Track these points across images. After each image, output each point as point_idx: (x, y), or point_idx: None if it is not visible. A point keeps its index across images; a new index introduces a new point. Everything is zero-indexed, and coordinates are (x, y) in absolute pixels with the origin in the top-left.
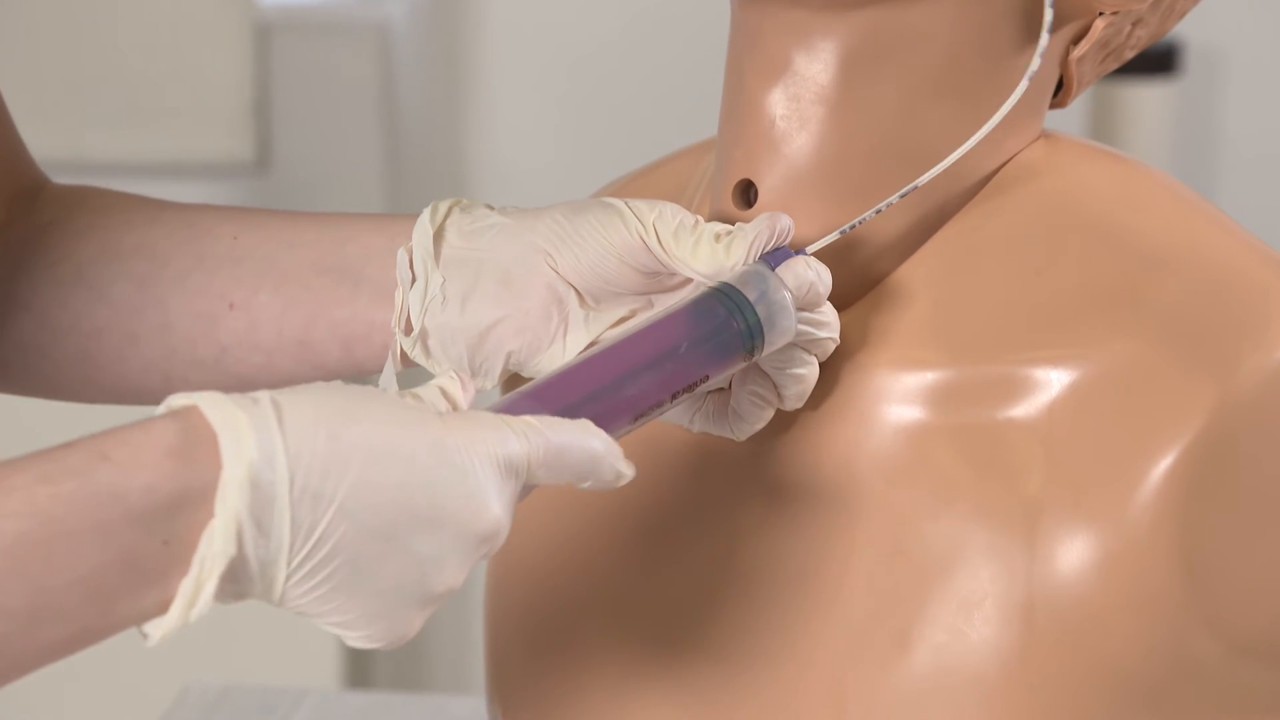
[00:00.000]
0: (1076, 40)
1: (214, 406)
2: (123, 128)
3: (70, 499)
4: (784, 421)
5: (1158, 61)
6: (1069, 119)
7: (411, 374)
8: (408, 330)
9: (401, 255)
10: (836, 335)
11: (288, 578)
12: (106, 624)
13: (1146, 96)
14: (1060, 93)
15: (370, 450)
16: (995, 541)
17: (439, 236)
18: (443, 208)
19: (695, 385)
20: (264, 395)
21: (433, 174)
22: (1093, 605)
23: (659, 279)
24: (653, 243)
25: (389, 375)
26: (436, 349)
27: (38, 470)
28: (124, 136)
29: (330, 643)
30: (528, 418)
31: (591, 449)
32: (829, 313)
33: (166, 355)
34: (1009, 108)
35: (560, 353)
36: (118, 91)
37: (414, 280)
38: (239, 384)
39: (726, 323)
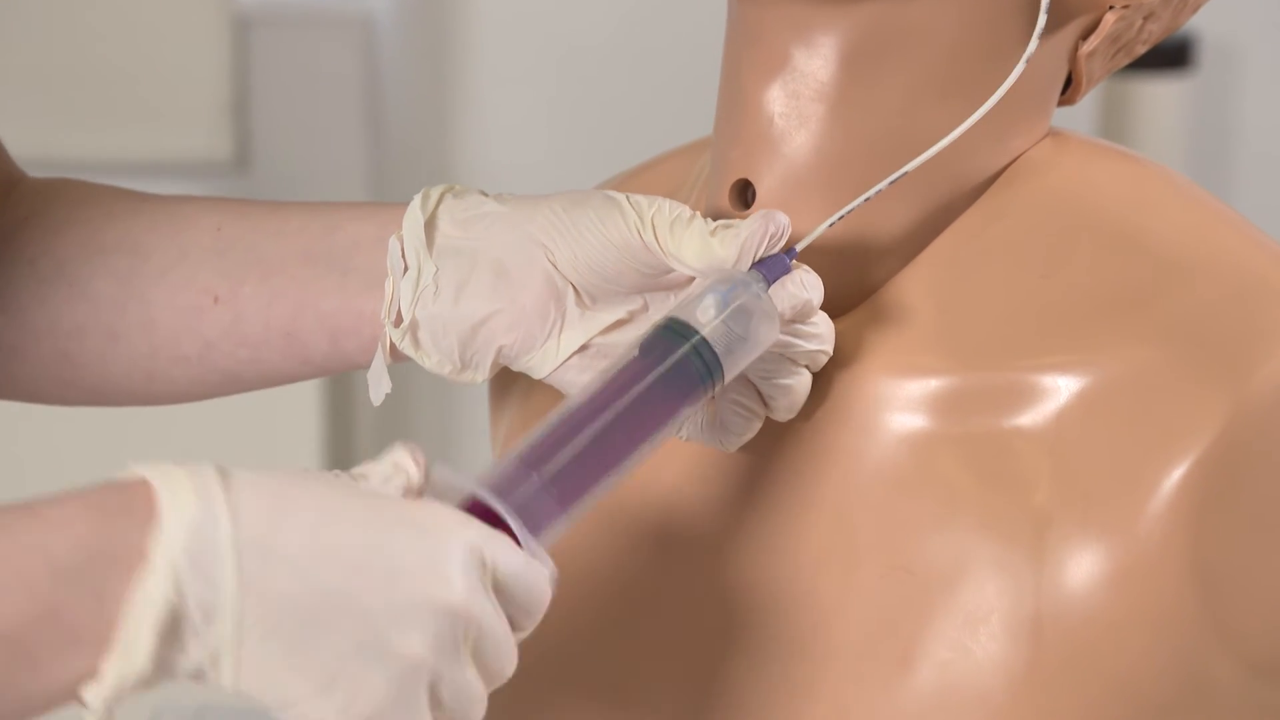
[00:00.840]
0: (1086, 35)
1: (154, 470)
2: (96, 126)
3: None
4: (780, 431)
5: (1171, 56)
6: (1078, 117)
7: (398, 375)
8: (397, 322)
9: (393, 243)
10: (829, 347)
11: (237, 638)
12: (38, 687)
13: (1159, 93)
14: (1069, 89)
15: (321, 508)
16: (1001, 555)
17: (431, 225)
18: (435, 194)
19: (665, 424)
20: (209, 463)
21: (419, 173)
22: (1103, 621)
23: (657, 277)
24: (649, 237)
25: (379, 368)
26: (427, 340)
27: None
28: (97, 135)
29: None
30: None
31: (540, 588)
32: (822, 323)
33: (149, 353)
34: (999, 96)
35: (554, 350)
36: (90, 88)
37: (405, 270)
38: (225, 380)
39: (682, 362)
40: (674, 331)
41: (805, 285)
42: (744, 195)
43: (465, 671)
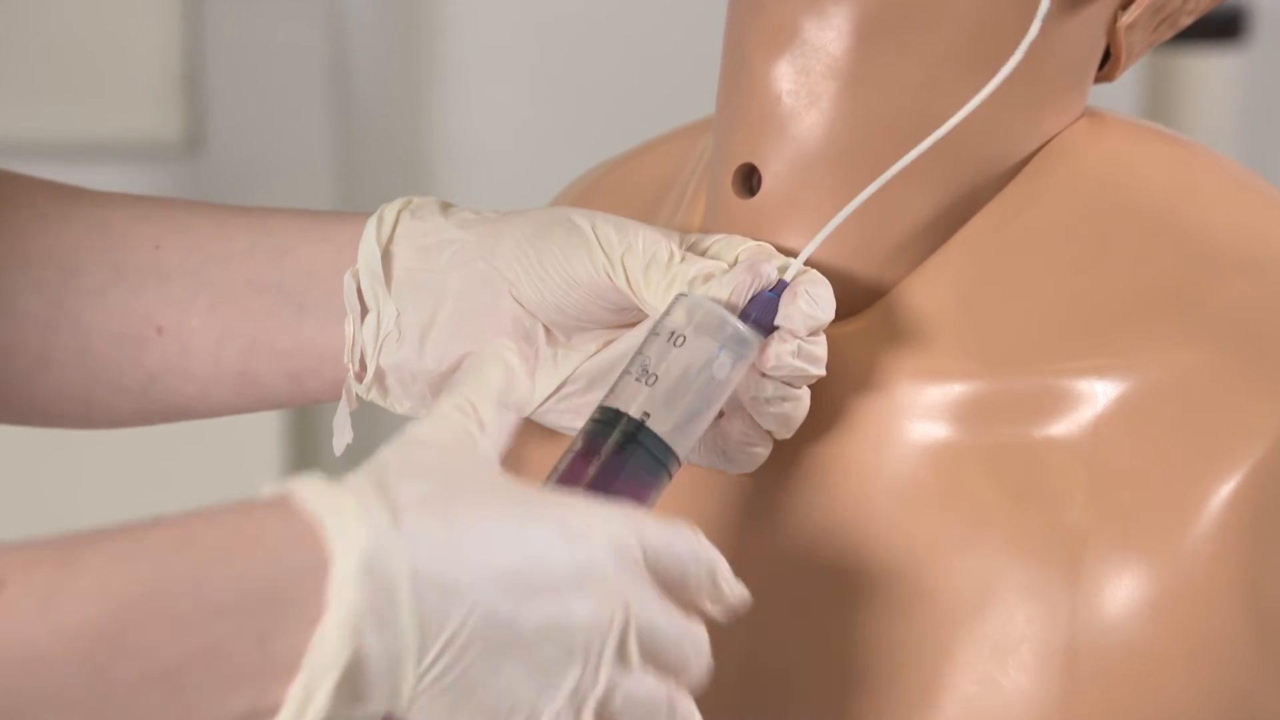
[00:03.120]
0: (1125, 4)
1: (314, 492)
2: (30, 103)
3: (147, 583)
4: (786, 445)
5: (1222, 27)
6: (1119, 95)
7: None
8: (360, 374)
9: (349, 283)
10: (822, 368)
11: (418, 681)
12: None
13: (1209, 68)
14: (1107, 65)
15: (484, 527)
16: (1032, 578)
17: (388, 255)
18: (389, 216)
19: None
20: (365, 475)
21: (390, 158)
22: (1143, 651)
23: (629, 313)
24: (620, 281)
25: (343, 418)
26: (396, 388)
27: (116, 548)
28: (32, 113)
29: None
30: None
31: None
32: (820, 345)
33: (85, 381)
34: (1015, 63)
35: (529, 394)
36: (22, 60)
37: (364, 311)
38: (171, 412)
39: (624, 459)
40: (607, 424)
41: (818, 303)
42: (749, 182)
43: (640, 680)
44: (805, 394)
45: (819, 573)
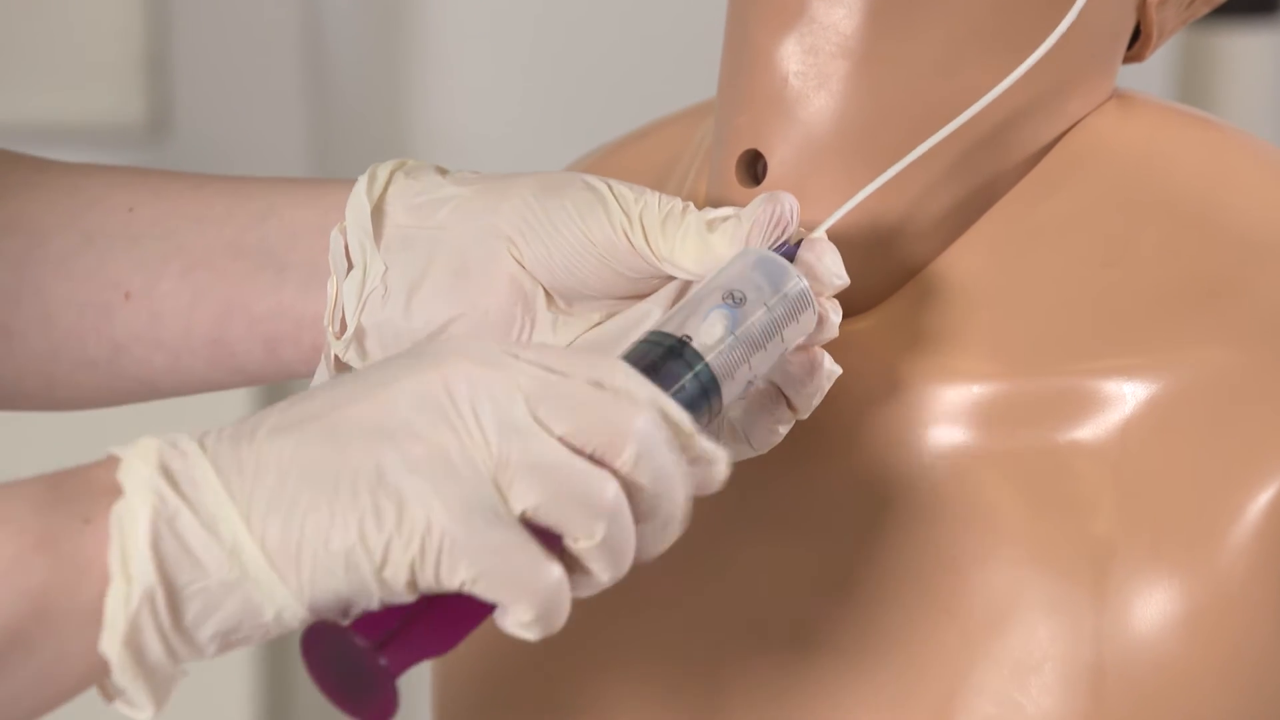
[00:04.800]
0: None
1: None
2: None
3: None
4: (797, 445)
5: (1259, 3)
6: (1149, 75)
7: None
8: (341, 331)
9: (335, 238)
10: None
11: (253, 522)
12: (45, 630)
13: (1245, 47)
14: (1137, 43)
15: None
16: (1056, 592)
17: (379, 212)
18: (383, 174)
19: None
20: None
21: (368, 143)
22: (1175, 670)
23: (642, 283)
24: (638, 239)
25: (320, 383)
26: (375, 351)
27: None
28: None
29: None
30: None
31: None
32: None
33: (48, 354)
34: (1048, 48)
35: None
36: None
37: (350, 269)
38: (139, 387)
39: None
40: (665, 348)
41: (834, 268)
42: (753, 169)
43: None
44: (831, 364)
45: (829, 584)
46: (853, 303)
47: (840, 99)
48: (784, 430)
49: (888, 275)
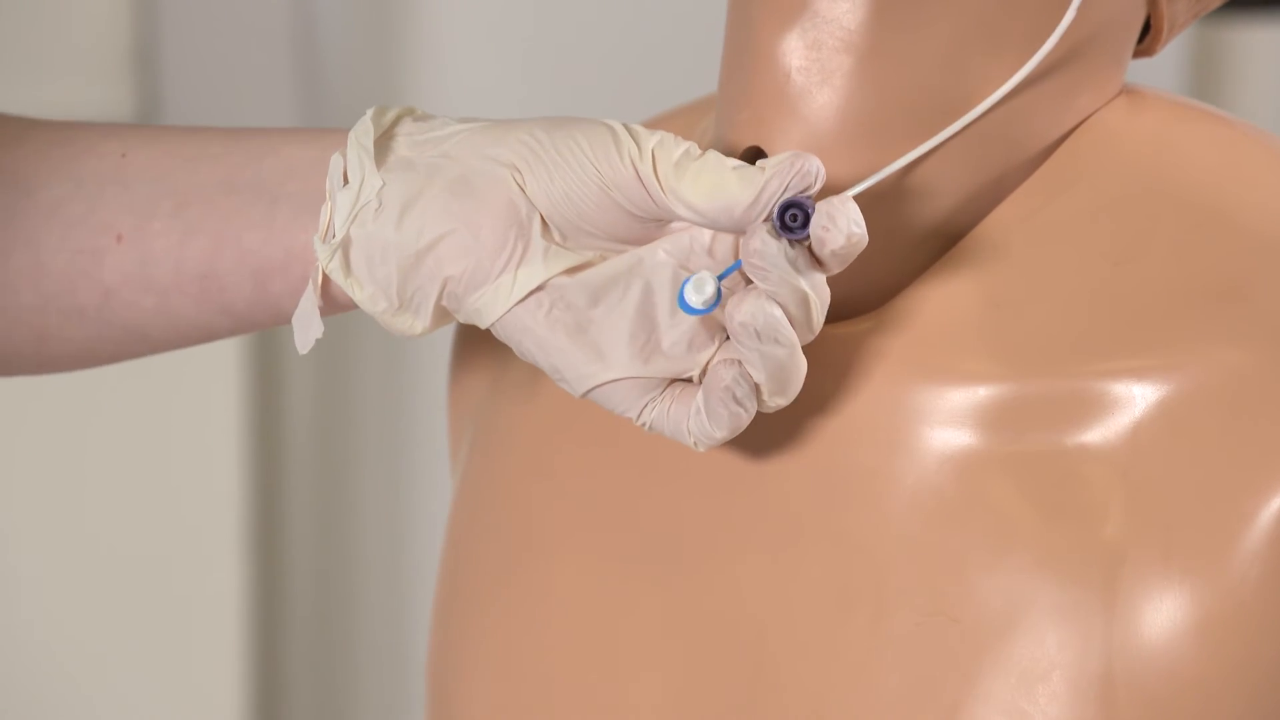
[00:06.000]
0: None
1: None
2: None
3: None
4: (796, 447)
5: None
6: (1160, 70)
7: (338, 340)
8: (326, 239)
9: (335, 160)
10: (820, 313)
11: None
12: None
13: (1258, 41)
14: (1147, 38)
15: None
16: (1064, 600)
17: (384, 143)
18: (391, 113)
19: None
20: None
21: None
22: (1187, 679)
23: (646, 225)
24: (647, 172)
25: (307, 307)
26: (360, 266)
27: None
28: None
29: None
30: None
31: None
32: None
33: (39, 306)
34: (1054, 42)
35: (508, 287)
36: None
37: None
38: (127, 336)
39: None
40: None
41: (855, 217)
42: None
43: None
44: (800, 353)
45: (830, 592)
46: (857, 301)
47: (844, 95)
48: (744, 416)
49: (891, 275)
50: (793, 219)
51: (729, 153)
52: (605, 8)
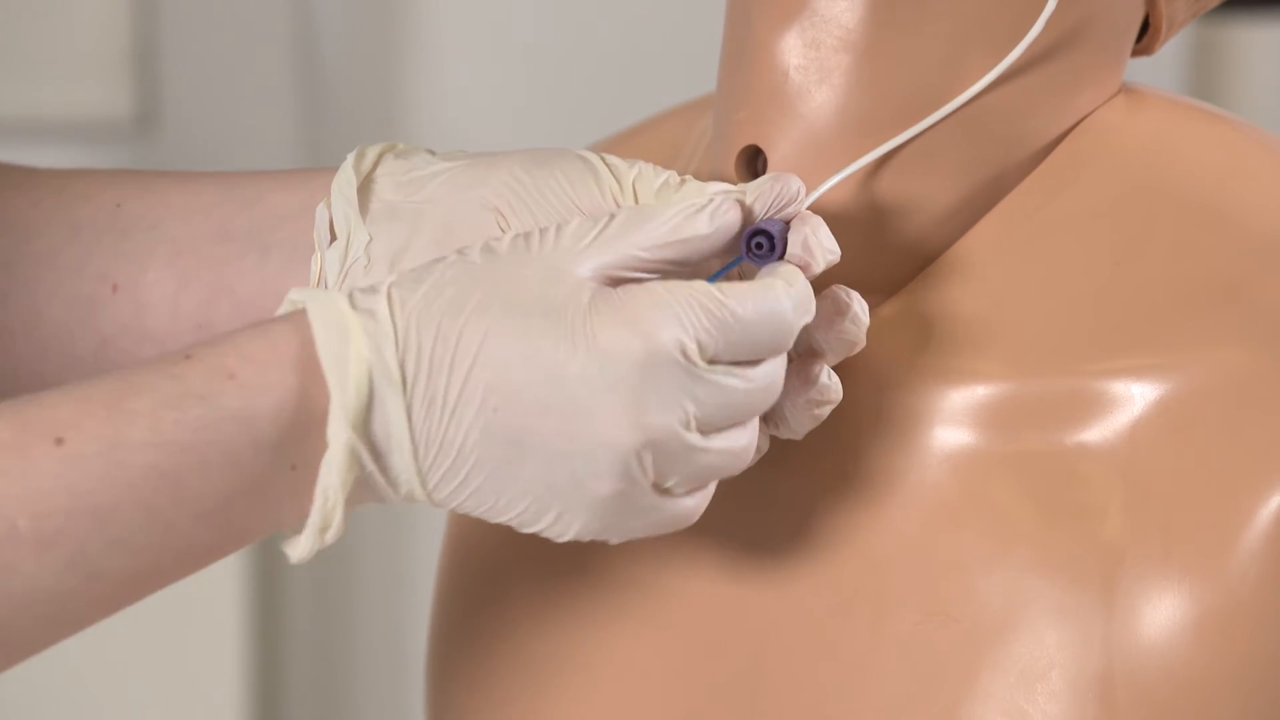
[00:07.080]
0: None
1: (322, 311)
2: None
3: (198, 426)
4: (796, 451)
5: None
6: (1159, 69)
7: None
8: None
9: (321, 211)
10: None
11: (426, 486)
12: (232, 548)
13: (1258, 39)
14: (1146, 36)
15: (496, 352)
16: (1064, 599)
17: (366, 189)
18: (371, 153)
19: None
20: (383, 287)
21: (360, 138)
22: (1186, 678)
23: None
24: (628, 206)
25: None
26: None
27: (160, 393)
28: None
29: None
30: (699, 285)
31: (779, 312)
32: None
33: (37, 354)
34: (1034, 36)
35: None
36: None
37: (333, 241)
38: None
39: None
40: None
41: (826, 242)
42: (753, 164)
43: (694, 458)
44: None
45: (830, 591)
46: None
47: (842, 93)
48: (828, 411)
49: (891, 275)
50: (758, 247)
51: (729, 150)
52: (605, 8)
